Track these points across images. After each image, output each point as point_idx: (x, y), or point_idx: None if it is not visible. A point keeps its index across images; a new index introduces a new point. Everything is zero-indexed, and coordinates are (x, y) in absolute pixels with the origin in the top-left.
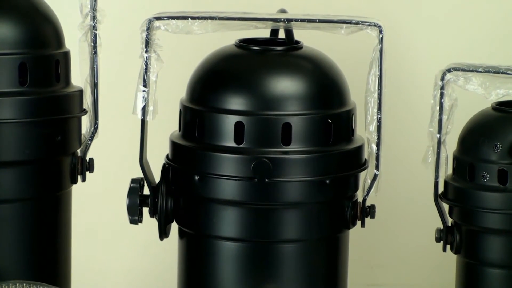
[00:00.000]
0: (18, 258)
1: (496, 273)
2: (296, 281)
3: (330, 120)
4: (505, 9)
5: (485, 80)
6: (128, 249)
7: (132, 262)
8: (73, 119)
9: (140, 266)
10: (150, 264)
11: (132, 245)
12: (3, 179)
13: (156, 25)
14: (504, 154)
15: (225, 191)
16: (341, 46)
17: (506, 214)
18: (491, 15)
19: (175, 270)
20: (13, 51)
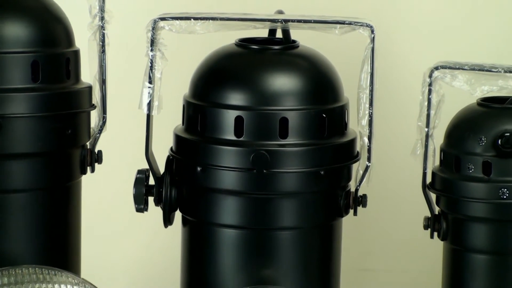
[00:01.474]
0: (30, 244)
1: (480, 258)
2: (292, 266)
3: (325, 114)
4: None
5: (471, 77)
6: (134, 236)
7: (138, 248)
8: (82, 113)
9: (146, 252)
10: (155, 250)
11: (138, 232)
12: (17, 170)
13: (161, 25)
14: (488, 147)
15: (225, 181)
16: (335, 45)
17: (489, 203)
18: (476, 14)
19: (178, 255)
20: (26, 50)
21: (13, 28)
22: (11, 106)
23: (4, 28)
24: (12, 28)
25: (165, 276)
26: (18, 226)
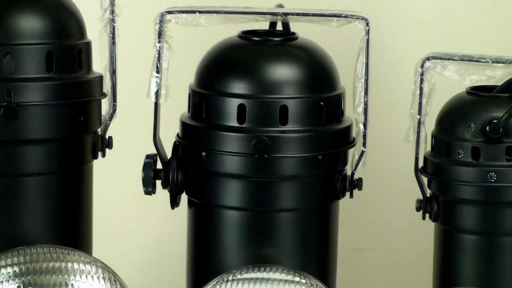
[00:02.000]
0: (45, 225)
1: (469, 238)
2: (291, 246)
3: (322, 103)
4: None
5: (460, 67)
6: (142, 217)
7: (147, 228)
8: (94, 101)
9: (154, 232)
10: (162, 230)
11: (147, 213)
12: (32, 155)
13: (168, 18)
14: (477, 133)
15: (229, 165)
16: (332, 37)
17: (478, 186)
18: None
19: (184, 235)
20: (41, 41)
21: (29, 22)
22: (27, 95)
23: (20, 22)
24: (28, 22)
25: (172, 255)
26: (33, 208)
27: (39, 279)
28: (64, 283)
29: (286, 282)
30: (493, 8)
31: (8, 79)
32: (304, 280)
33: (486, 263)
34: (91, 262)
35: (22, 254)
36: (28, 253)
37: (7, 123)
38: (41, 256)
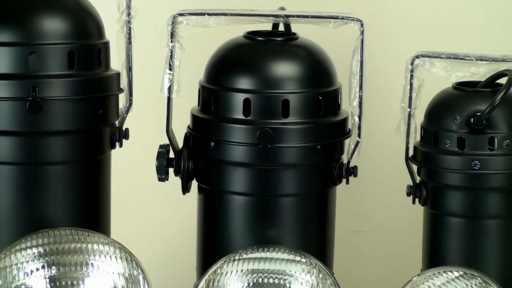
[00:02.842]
0: (67, 209)
1: (455, 221)
2: (292, 228)
3: (321, 97)
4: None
5: (447, 65)
6: (156, 202)
7: (160, 212)
8: (112, 96)
9: (166, 216)
10: (174, 214)
11: (160, 199)
12: (56, 145)
13: (179, 20)
14: (462, 124)
15: (235, 154)
16: (329, 37)
17: (463, 173)
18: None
19: (195, 219)
20: (63, 41)
21: (52, 23)
22: (51, 90)
23: (45, 23)
24: (52, 23)
25: (183, 236)
26: (56, 193)
27: (62, 259)
28: (85, 262)
29: (288, 261)
30: (477, 10)
31: (33, 76)
32: (304, 259)
33: (470, 243)
34: (109, 243)
35: (46, 236)
36: (51, 235)
37: (32, 116)
38: (63, 237)
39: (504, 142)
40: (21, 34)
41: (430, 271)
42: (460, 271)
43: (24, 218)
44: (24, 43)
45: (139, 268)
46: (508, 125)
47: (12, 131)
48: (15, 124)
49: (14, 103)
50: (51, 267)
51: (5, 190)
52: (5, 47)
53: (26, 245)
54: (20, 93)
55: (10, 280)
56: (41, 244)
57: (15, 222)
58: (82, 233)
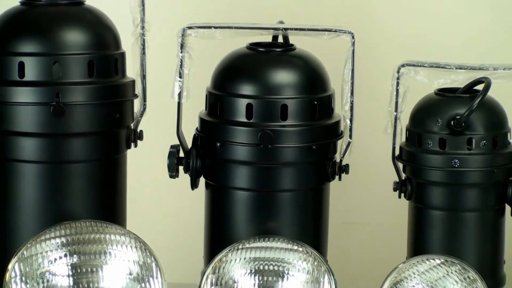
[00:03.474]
0: (87, 203)
1: (436, 214)
2: (290, 220)
3: (316, 102)
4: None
5: (429, 73)
6: (167, 197)
7: (171, 207)
8: (127, 101)
9: (177, 210)
10: (183, 208)
11: (171, 194)
12: (77, 145)
13: (188, 32)
14: (443, 127)
15: (239, 154)
16: (324, 47)
17: (444, 171)
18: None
19: (202, 212)
20: (84, 52)
21: (74, 36)
22: (72, 96)
23: (67, 36)
24: (74, 36)
25: (191, 228)
26: (77, 189)
27: (82, 248)
28: (103, 251)
29: (286, 250)
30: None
31: (57, 83)
32: (301, 248)
33: (450, 234)
34: (125, 234)
35: (68, 227)
36: (73, 226)
37: (56, 119)
38: (84, 229)
39: (481, 142)
40: (46, 45)
41: (414, 259)
42: (441, 259)
43: (48, 212)
44: (49, 54)
45: (152, 257)
46: (485, 127)
47: (38, 133)
48: (40, 126)
49: (39, 108)
50: (72, 256)
51: (31, 187)
52: (32, 57)
53: (50, 236)
54: (45, 98)
55: (36, 267)
56: (64, 235)
57: (40, 215)
58: (101, 224)
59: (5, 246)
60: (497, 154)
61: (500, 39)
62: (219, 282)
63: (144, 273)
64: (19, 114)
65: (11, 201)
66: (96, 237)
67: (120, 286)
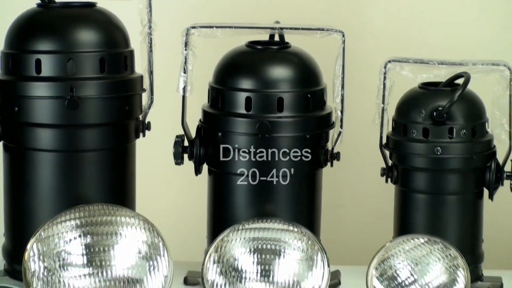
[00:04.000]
0: (100, 188)
1: (420, 197)
2: (287, 203)
3: (309, 95)
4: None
5: (414, 68)
6: (173, 182)
7: (176, 191)
8: (136, 95)
9: (182, 194)
10: (188, 193)
11: (176, 180)
12: (90, 135)
13: (192, 32)
14: (427, 117)
15: (238, 143)
16: (316, 45)
17: (427, 158)
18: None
19: (205, 196)
20: (95, 50)
21: (86, 35)
22: (85, 90)
23: (81, 35)
24: (86, 35)
25: (195, 210)
26: (90, 175)
27: (95, 229)
28: (114, 232)
29: (283, 231)
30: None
31: (71, 78)
32: (296, 229)
33: (433, 215)
34: (134, 216)
35: (82, 210)
36: (86, 209)
37: (70, 112)
38: (96, 212)
39: (461, 131)
40: (61, 44)
41: (400, 238)
42: (425, 238)
43: (64, 196)
44: (63, 51)
45: (159, 237)
46: (465, 117)
47: (53, 124)
48: (56, 118)
49: (55, 101)
50: (86, 236)
51: (47, 174)
52: (48, 54)
53: (66, 218)
54: (60, 92)
55: (53, 247)
56: (78, 217)
57: (56, 200)
58: (112, 208)
59: (24, 228)
60: (476, 142)
61: (483, 36)
62: (221, 260)
63: (152, 252)
64: (36, 107)
65: (29, 187)
66: (107, 219)
67: (130, 264)
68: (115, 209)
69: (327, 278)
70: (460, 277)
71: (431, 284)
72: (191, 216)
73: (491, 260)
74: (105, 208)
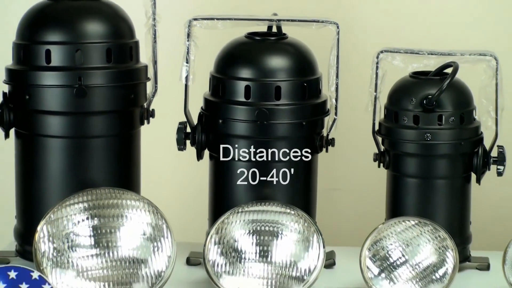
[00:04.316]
0: (106, 173)
1: (411, 181)
2: (285, 186)
3: (306, 84)
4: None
5: (405, 58)
6: (176, 167)
7: (180, 176)
8: (141, 84)
9: (184, 179)
10: (191, 177)
11: (179, 164)
12: (97, 122)
13: (194, 23)
14: (417, 105)
15: (238, 129)
16: (312, 36)
17: (418, 144)
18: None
19: (207, 180)
20: (102, 41)
21: (94, 26)
22: (93, 79)
23: (88, 27)
24: (94, 26)
25: (197, 194)
26: (97, 160)
27: (102, 212)
28: (120, 214)
29: (280, 213)
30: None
31: (79, 68)
32: (293, 212)
33: (423, 198)
34: (139, 199)
35: (89, 194)
36: (94, 193)
37: (78, 100)
38: (103, 195)
39: (450, 118)
40: (70, 35)
41: (392, 220)
42: (415, 220)
43: (72, 180)
44: (72, 42)
45: (163, 219)
46: (453, 105)
47: (62, 112)
48: (65, 106)
49: (64, 90)
50: (93, 219)
51: (57, 159)
52: (57, 45)
53: (74, 201)
54: (69, 81)
55: (61, 229)
56: (86, 200)
57: (64, 184)
58: (118, 191)
59: (34, 211)
60: (464, 129)
61: (471, 26)
62: (222, 241)
63: (156, 234)
64: (46, 95)
65: (39, 171)
66: (114, 202)
67: (135, 245)
68: (121, 193)
69: (322, 259)
70: (449, 258)
71: (421, 265)
72: (193, 199)
73: (479, 241)
74: (111, 191)
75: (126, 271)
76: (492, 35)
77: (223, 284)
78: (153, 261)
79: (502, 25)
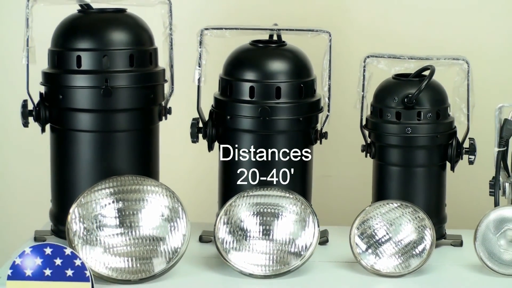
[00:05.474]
0: (130, 162)
1: (394, 169)
2: (285, 174)
3: (302, 85)
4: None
5: (388, 62)
6: (190, 157)
7: (193, 164)
8: (159, 85)
9: (197, 167)
10: (202, 166)
11: (193, 155)
12: (121, 118)
13: (205, 32)
14: (399, 103)
15: (244, 124)
16: (308, 43)
17: (400, 136)
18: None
19: (217, 168)
20: (126, 48)
21: (119, 35)
22: (117, 81)
23: (114, 35)
24: (118, 35)
25: (209, 180)
26: (122, 152)
27: (126, 196)
28: (142, 198)
29: (280, 197)
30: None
31: (106, 71)
32: (292, 196)
33: (404, 184)
34: (158, 185)
35: (115, 180)
36: (119, 180)
37: (105, 99)
38: (127, 182)
39: (427, 114)
40: (98, 43)
41: (377, 203)
42: (398, 203)
43: (99, 169)
44: (100, 49)
45: (179, 202)
46: (430, 103)
47: (91, 109)
48: (93, 104)
49: (92, 90)
50: (118, 202)
51: (86, 150)
52: (87, 52)
53: (102, 187)
54: (97, 83)
55: (91, 211)
56: (112, 186)
57: (93, 172)
58: (140, 178)
59: (67, 195)
60: (440, 124)
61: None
62: (230, 221)
63: (173, 215)
64: (77, 95)
65: (71, 161)
66: (136, 188)
67: (155, 225)
68: (142, 180)
69: (317, 236)
70: (427, 235)
71: (403, 241)
72: (205, 185)
73: (453, 221)
74: (134, 178)
75: (147, 248)
76: (465, 42)
77: (231, 259)
78: (170, 239)
79: (473, 34)
